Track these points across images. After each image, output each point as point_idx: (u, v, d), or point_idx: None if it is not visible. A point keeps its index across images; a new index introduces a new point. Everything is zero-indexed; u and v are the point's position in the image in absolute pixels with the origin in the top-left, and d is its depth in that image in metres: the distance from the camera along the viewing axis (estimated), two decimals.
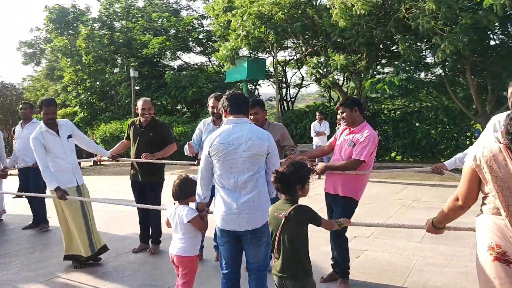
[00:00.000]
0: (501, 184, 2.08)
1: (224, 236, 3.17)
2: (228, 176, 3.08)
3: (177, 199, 3.36)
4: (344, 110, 4.14)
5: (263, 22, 15.63)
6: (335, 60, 14.48)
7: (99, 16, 22.96)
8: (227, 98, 3.26)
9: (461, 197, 2.30)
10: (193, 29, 23.29)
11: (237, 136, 3.08)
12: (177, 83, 19.93)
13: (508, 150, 2.09)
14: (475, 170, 2.18)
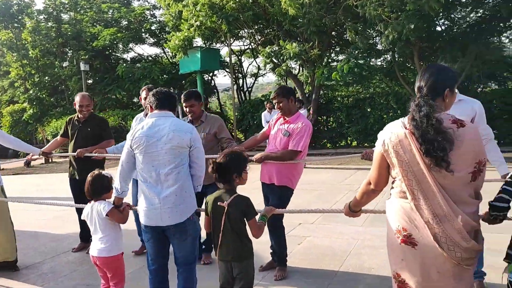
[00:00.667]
0: (406, 168, 2.13)
1: (149, 232, 3.11)
2: (150, 169, 3.04)
3: (92, 197, 3.25)
4: (281, 100, 4.13)
5: (214, 11, 15.50)
6: (288, 49, 14.58)
7: (45, 8, 22.07)
8: (153, 94, 3.26)
9: (373, 181, 2.34)
10: (145, 20, 22.80)
11: (159, 128, 3.06)
12: (130, 76, 19.53)
13: (413, 136, 2.13)
14: (384, 155, 2.22)
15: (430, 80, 2.23)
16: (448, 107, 2.32)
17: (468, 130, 2.15)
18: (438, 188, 2.08)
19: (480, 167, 2.15)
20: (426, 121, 2.08)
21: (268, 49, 15.34)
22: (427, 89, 2.22)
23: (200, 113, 4.53)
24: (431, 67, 2.34)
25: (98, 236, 3.19)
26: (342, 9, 13.64)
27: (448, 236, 2.08)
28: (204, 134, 4.42)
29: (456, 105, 3.56)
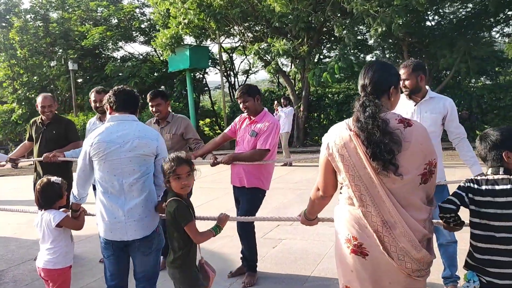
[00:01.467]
0: (352, 173, 1.97)
1: (109, 248, 2.86)
2: (111, 179, 2.76)
3: (42, 207, 3.03)
4: (247, 99, 3.97)
5: (202, 9, 15.31)
6: (276, 46, 14.42)
7: (32, 7, 21.81)
8: (114, 93, 2.93)
9: (321, 187, 2.19)
10: (135, 18, 22.57)
11: (122, 134, 2.79)
12: (119, 75, 19.33)
13: (358, 138, 1.97)
14: (329, 159, 2.07)
15: (375, 78, 2.08)
16: (393, 105, 2.17)
17: (416, 129, 2.01)
18: (387, 193, 1.94)
19: (431, 168, 2.01)
20: (371, 122, 1.94)
21: (257, 46, 15.17)
22: (372, 87, 2.07)
23: (167, 113, 4.38)
24: (374, 64, 2.20)
25: (46, 246, 2.99)
26: (330, 5, 13.50)
27: (398, 245, 1.94)
28: (170, 135, 4.29)
29: (428, 102, 3.44)
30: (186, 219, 2.61)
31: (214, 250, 4.91)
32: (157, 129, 4.32)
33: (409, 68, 3.39)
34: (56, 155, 4.55)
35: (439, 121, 3.39)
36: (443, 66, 14.35)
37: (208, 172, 4.15)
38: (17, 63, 21.56)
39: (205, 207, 7.02)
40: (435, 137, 3.39)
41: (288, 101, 12.35)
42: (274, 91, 19.76)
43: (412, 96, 3.45)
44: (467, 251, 2.21)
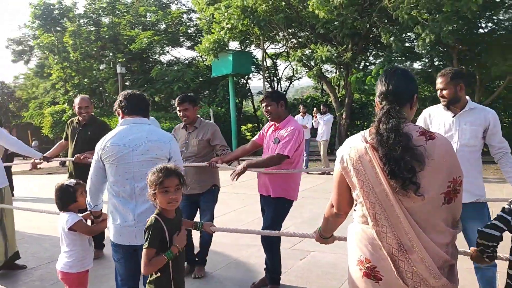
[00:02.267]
0: (367, 189, 1.80)
1: (119, 252, 2.84)
2: (123, 182, 2.76)
3: (60, 210, 3.05)
4: (269, 103, 3.87)
5: (247, 15, 15.34)
6: (319, 53, 14.22)
7: (85, 12, 22.70)
8: (125, 97, 2.93)
9: (335, 204, 2.03)
10: (182, 23, 23.01)
11: (134, 137, 2.78)
12: (164, 79, 19.73)
13: (374, 151, 1.81)
14: (343, 174, 1.91)
15: (398, 85, 1.89)
16: (412, 115, 1.97)
17: (439, 143, 1.81)
18: (404, 213, 1.76)
19: (456, 186, 1.80)
20: (393, 136, 1.76)
21: (300, 53, 15.02)
22: (394, 95, 1.87)
23: (195, 118, 4.33)
24: (396, 70, 1.99)
25: (63, 249, 3.00)
26: (377, 11, 13.17)
27: (415, 271, 1.75)
28: (197, 140, 4.25)
29: (467, 113, 3.19)
30: (147, 242, 2.29)
31: (240, 259, 4.82)
32: (185, 134, 4.31)
33: (447, 77, 3.17)
34: (87, 157, 4.63)
35: (480, 134, 3.14)
36: (495, 74, 13.64)
37: (246, 177, 4.05)
38: (70, 65, 22.43)
39: (238, 213, 6.96)
40: (475, 151, 3.15)
41: (328, 108, 12.11)
42: (317, 97, 19.51)
43: (451, 106, 3.22)
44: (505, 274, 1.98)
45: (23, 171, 12.76)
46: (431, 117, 3.40)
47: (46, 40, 21.85)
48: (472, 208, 3.05)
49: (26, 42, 25.96)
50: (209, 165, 4.07)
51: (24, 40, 25.98)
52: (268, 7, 15.07)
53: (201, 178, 4.21)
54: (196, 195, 4.23)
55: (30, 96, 27.78)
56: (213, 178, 4.30)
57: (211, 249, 4.91)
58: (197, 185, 4.20)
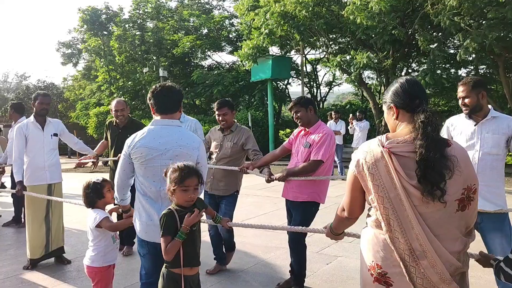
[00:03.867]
0: (382, 194, 1.82)
1: (144, 247, 2.89)
2: (150, 184, 2.79)
3: (88, 206, 3.21)
4: (299, 110, 3.93)
5: (286, 20, 15.42)
6: (358, 59, 14.10)
7: (130, 17, 23.48)
8: (153, 94, 2.85)
9: (346, 207, 2.04)
10: (224, 28, 23.38)
11: (164, 141, 2.77)
12: (205, 82, 20.10)
13: (391, 156, 1.82)
14: (357, 177, 1.92)
15: (424, 92, 1.97)
16: None
17: (456, 150, 1.84)
18: (417, 218, 1.78)
19: (470, 194, 1.82)
20: (435, 142, 1.78)
21: (339, 58, 14.95)
22: (426, 104, 1.91)
23: (232, 122, 4.49)
24: (414, 79, 2.03)
25: (89, 244, 3.19)
26: (419, 18, 12.95)
27: (426, 277, 1.77)
28: (231, 143, 4.41)
29: (490, 122, 3.16)
30: (164, 230, 2.43)
31: (267, 261, 4.89)
32: (220, 136, 4.48)
33: (468, 85, 3.16)
34: None
35: (503, 143, 3.10)
36: None
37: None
38: (115, 68, 23.26)
39: (269, 216, 7.03)
40: (498, 160, 3.11)
41: (364, 115, 11.98)
42: (356, 104, 19.32)
43: (472, 115, 3.19)
44: None
45: (67, 169, 13.33)
46: (453, 126, 3.40)
47: (93, 44, 22.75)
48: (493, 218, 3.02)
49: (75, 45, 27.09)
50: (240, 170, 4.20)
51: (73, 43, 27.13)
52: (309, 13, 15.06)
53: (227, 182, 4.39)
54: (219, 196, 4.43)
55: (77, 97, 28.91)
56: (236, 183, 4.47)
57: (241, 249, 5.03)
58: (222, 187, 4.39)
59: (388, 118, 2.04)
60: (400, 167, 1.81)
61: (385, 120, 2.07)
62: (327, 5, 15.65)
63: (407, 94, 1.95)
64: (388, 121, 2.04)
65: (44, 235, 4.71)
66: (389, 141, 1.87)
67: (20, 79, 45.69)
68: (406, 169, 1.81)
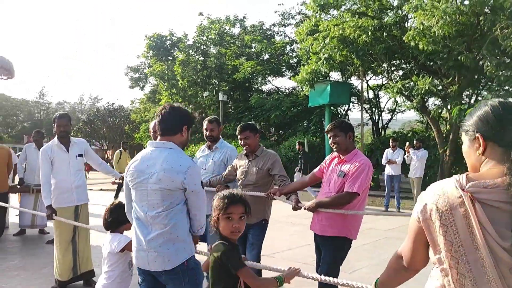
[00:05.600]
0: (457, 255, 1.39)
1: (140, 274, 2.73)
2: (140, 208, 2.66)
3: (108, 229, 3.11)
4: (338, 134, 3.62)
5: (345, 45, 15.15)
6: (420, 85, 13.49)
7: (194, 43, 24.26)
8: (158, 113, 2.73)
9: (405, 255, 1.64)
10: (284, 53, 23.50)
11: (152, 164, 2.63)
12: (262, 106, 20.18)
13: (475, 202, 1.37)
14: (422, 227, 1.50)
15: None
16: None
17: None
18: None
19: None
20: None
21: (399, 84, 14.39)
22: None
23: (256, 146, 4.22)
24: (510, 103, 1.57)
25: (104, 269, 3.08)
26: (488, 42, 12.19)
27: None
28: (256, 168, 4.12)
29: None
30: (237, 264, 2.25)
31: None
32: (245, 162, 4.23)
33: None
34: None
35: None
36: None
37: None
38: (177, 92, 23.99)
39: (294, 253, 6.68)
40: None
41: (422, 143, 11.28)
42: (420, 131, 18.46)
43: None
44: None
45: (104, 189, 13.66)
46: None
47: (158, 69, 23.68)
48: None
49: (142, 70, 28.39)
50: (266, 195, 3.95)
51: (140, 68, 28.45)
52: (368, 38, 14.71)
53: (254, 209, 4.02)
54: (246, 225, 4.10)
55: (142, 119, 30.11)
56: (264, 211, 4.15)
57: None
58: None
59: (469, 152, 1.57)
60: (488, 220, 1.36)
61: (464, 154, 1.61)
62: (388, 29, 15.22)
63: (502, 122, 1.48)
64: (468, 155, 1.58)
65: (71, 258, 4.69)
66: (472, 183, 1.41)
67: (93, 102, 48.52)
68: (495, 225, 1.36)
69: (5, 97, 40.46)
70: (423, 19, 11.79)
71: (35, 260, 5.97)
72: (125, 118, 32.23)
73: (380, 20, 15.10)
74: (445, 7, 11.10)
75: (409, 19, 15.27)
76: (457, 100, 14.23)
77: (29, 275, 5.29)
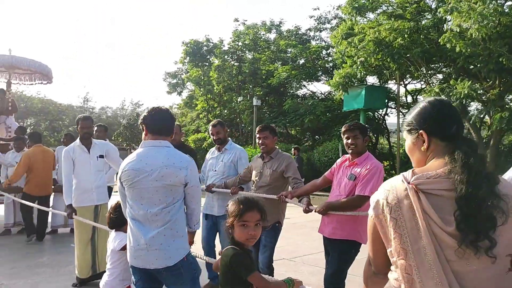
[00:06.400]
0: (405, 245, 1.39)
1: (136, 274, 2.78)
2: (138, 207, 2.69)
3: (112, 227, 3.16)
4: (358, 136, 3.55)
5: (381, 49, 14.86)
6: (458, 89, 13.03)
7: (229, 49, 24.47)
8: (150, 113, 2.82)
9: (372, 260, 1.63)
10: (320, 58, 23.29)
11: (151, 162, 2.69)
12: (296, 111, 20.07)
13: (419, 194, 1.40)
14: (376, 224, 1.51)
15: (461, 117, 1.58)
16: None
17: (508, 188, 1.40)
18: (449, 278, 1.33)
19: None
20: (481, 175, 1.37)
21: (437, 88, 13.95)
22: (463, 130, 1.57)
23: (272, 148, 4.26)
24: (447, 100, 1.65)
25: (107, 266, 3.14)
26: None
27: None
28: (270, 170, 4.16)
29: None
30: (248, 269, 2.18)
31: None
32: (260, 163, 4.26)
33: None
34: None
35: None
36: None
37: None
38: (213, 97, 24.25)
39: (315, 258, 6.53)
40: None
41: None
42: None
43: None
44: None
45: None
46: None
47: (194, 74, 24.02)
48: None
49: (180, 75, 28.85)
50: (278, 198, 3.91)
51: (178, 73, 28.91)
52: (405, 41, 14.37)
53: (268, 211, 4.01)
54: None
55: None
56: (278, 214, 4.14)
57: None
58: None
59: (413, 149, 1.60)
60: (432, 209, 1.38)
61: (408, 152, 1.64)
62: (425, 32, 14.83)
63: (442, 118, 1.54)
64: (413, 152, 1.61)
65: (90, 256, 4.80)
66: (416, 176, 1.45)
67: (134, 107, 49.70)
68: (439, 212, 1.37)
69: (51, 102, 42.03)
70: (460, 21, 11.40)
71: (62, 258, 6.16)
72: None
73: (417, 22, 14.77)
74: (481, 9, 10.68)
75: (448, 21, 14.79)
76: (499, 104, 13.66)
77: (54, 272, 5.47)
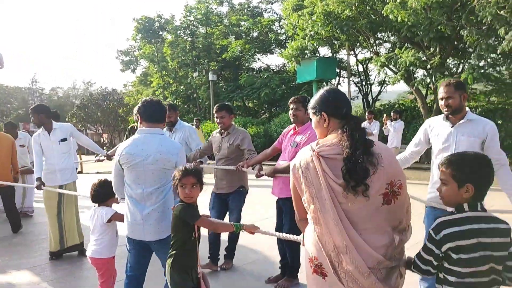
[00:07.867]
0: (312, 194, 1.97)
1: (131, 244, 3.23)
2: (136, 186, 3.11)
3: (96, 201, 3.49)
4: (299, 109, 3.98)
5: (330, 21, 15.34)
6: (403, 57, 13.76)
7: (181, 24, 24.32)
8: (143, 104, 3.22)
9: (296, 210, 2.21)
10: (272, 30, 23.59)
11: (146, 147, 3.09)
12: (251, 85, 20.43)
13: (319, 159, 1.97)
14: (294, 182, 2.09)
15: (349, 102, 2.14)
16: None
17: (380, 148, 1.98)
18: (340, 216, 1.92)
19: (394, 189, 1.93)
20: (360, 142, 1.93)
21: (383, 58, 14.66)
22: (351, 110, 2.12)
23: (229, 125, 4.70)
24: (337, 89, 2.27)
25: (94, 237, 3.46)
26: (466, 13, 12.42)
27: (347, 271, 1.90)
28: (228, 144, 4.63)
29: (465, 124, 3.17)
30: (194, 216, 2.76)
31: (256, 258, 5.07)
32: (219, 139, 4.70)
33: (452, 86, 3.17)
34: None
35: (477, 145, 3.07)
36: None
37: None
38: (168, 74, 24.19)
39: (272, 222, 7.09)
40: None
41: (399, 115, 11.58)
42: (406, 103, 18.81)
43: (450, 117, 3.18)
44: None
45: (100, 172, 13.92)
46: (431, 128, 3.39)
47: (148, 51, 23.80)
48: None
49: (132, 53, 28.45)
50: (236, 168, 4.39)
51: (131, 51, 28.50)
52: (352, 12, 14.90)
53: (229, 179, 4.61)
54: (225, 194, 4.66)
55: (136, 102, 30.27)
56: (240, 180, 4.65)
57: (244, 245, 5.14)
58: (225, 185, 4.64)
59: (318, 125, 2.17)
60: (328, 168, 1.95)
61: (315, 128, 2.22)
62: (371, 3, 15.38)
63: (337, 103, 2.12)
64: (317, 128, 2.18)
65: (58, 232, 5.16)
66: (319, 145, 2.03)
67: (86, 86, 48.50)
68: (334, 170, 1.94)
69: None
70: None
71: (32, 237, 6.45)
72: (118, 101, 32.40)
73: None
74: None
75: None
76: (440, 71, 14.53)
77: (28, 249, 5.78)
